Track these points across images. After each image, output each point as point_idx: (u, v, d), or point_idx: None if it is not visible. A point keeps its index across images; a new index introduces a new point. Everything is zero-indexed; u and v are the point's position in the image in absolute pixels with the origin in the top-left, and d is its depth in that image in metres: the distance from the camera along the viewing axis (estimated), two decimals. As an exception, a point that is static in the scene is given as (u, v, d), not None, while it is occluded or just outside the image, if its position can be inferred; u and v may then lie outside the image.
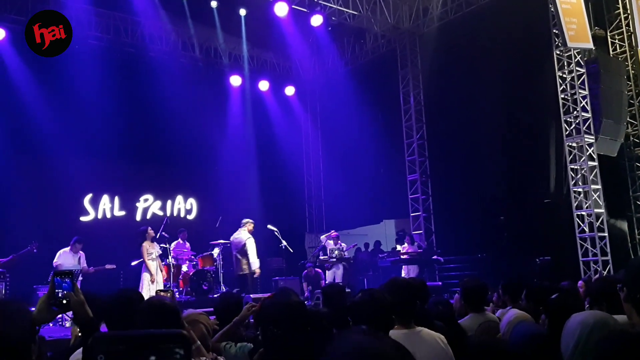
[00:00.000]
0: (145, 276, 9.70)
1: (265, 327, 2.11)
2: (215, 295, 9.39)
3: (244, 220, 10.43)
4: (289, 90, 16.52)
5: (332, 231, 12.97)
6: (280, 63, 16.46)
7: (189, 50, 14.35)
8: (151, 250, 9.82)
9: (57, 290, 1.98)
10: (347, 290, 8.73)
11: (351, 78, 15.38)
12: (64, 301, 1.98)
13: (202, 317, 3.22)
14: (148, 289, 9.24)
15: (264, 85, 15.82)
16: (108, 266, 9.80)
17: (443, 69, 13.34)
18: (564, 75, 11.23)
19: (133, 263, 10.33)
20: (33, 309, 1.89)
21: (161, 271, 9.90)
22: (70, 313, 2.15)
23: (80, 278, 9.39)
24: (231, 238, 10.60)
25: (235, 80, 15.22)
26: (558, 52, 11.26)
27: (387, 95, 15.10)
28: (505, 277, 5.70)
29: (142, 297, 2.89)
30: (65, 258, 9.42)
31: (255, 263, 10.01)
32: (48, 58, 11.51)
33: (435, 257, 12.78)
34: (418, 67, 14.55)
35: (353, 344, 0.97)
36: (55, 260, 9.36)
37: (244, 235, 10.19)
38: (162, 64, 13.39)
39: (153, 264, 9.71)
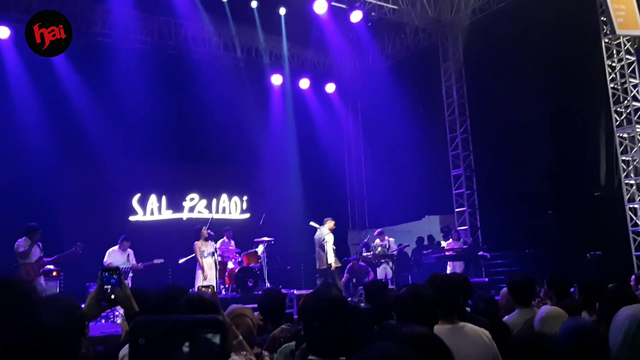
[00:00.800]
0: (199, 273, 10.13)
1: (307, 322, 2.14)
2: (260, 292, 9.52)
3: (325, 219, 11.22)
4: (330, 88, 16.53)
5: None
6: (321, 61, 16.49)
7: (231, 50, 14.53)
8: (203, 249, 10.23)
9: (105, 287, 2.05)
10: (391, 287, 8.70)
11: (392, 73, 15.26)
12: (112, 296, 2.05)
13: (248, 312, 3.27)
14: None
15: (304, 84, 15.90)
16: (156, 261, 10.08)
17: (486, 61, 13.07)
18: (613, 64, 10.86)
19: (181, 260, 10.61)
20: (83, 305, 1.97)
21: (216, 269, 10.17)
22: (121, 309, 2.23)
23: (130, 275, 9.71)
24: (315, 236, 11.31)
25: (276, 79, 15.34)
26: (606, 40, 10.89)
27: (429, 89, 14.92)
28: (553, 273, 5.57)
29: (185, 293, 2.98)
30: (115, 256, 9.73)
31: (331, 257, 10.78)
32: (97, 63, 12.07)
33: (481, 253, 12.56)
34: (460, 60, 14.32)
35: (378, 352, 0.97)
36: (105, 259, 9.67)
37: (324, 231, 10.97)
38: (205, 65, 13.63)
39: (205, 262, 10.09)
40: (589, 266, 10.29)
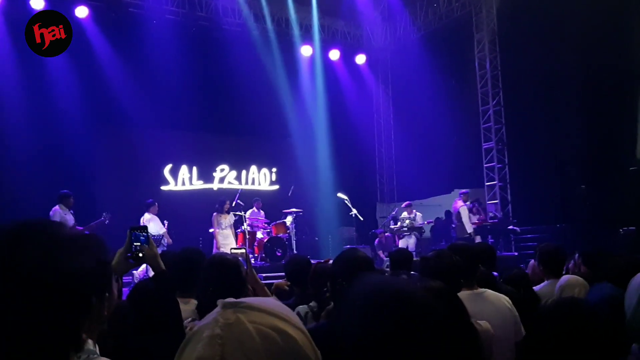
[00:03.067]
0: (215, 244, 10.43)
1: (334, 281, 2.18)
2: (288, 261, 9.68)
3: (460, 191, 12.18)
4: (360, 59, 16.36)
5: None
6: (351, 31, 16.29)
7: (261, 21, 14.45)
8: (221, 221, 10.44)
9: (134, 244, 2.11)
10: (417, 258, 8.69)
11: (424, 44, 14.98)
12: (140, 254, 2.10)
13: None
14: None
15: (334, 55, 15.76)
16: (165, 222, 10.37)
17: (521, 32, 12.69)
18: (655, 34, 10.46)
19: (210, 230, 10.82)
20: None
21: (235, 239, 10.47)
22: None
23: (166, 242, 9.96)
24: (451, 208, 12.26)
25: (306, 51, 15.25)
26: (648, 9, 10.48)
27: (462, 60, 14.62)
28: (585, 247, 5.48)
29: (202, 255, 3.14)
30: (155, 223, 9.99)
31: (467, 226, 11.49)
32: (129, 34, 12.16)
33: (511, 227, 12.44)
34: (494, 30, 13.95)
35: (369, 286, 0.94)
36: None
37: (458, 204, 11.79)
38: (236, 36, 13.63)
39: (221, 233, 10.35)
40: (622, 241, 10.10)
